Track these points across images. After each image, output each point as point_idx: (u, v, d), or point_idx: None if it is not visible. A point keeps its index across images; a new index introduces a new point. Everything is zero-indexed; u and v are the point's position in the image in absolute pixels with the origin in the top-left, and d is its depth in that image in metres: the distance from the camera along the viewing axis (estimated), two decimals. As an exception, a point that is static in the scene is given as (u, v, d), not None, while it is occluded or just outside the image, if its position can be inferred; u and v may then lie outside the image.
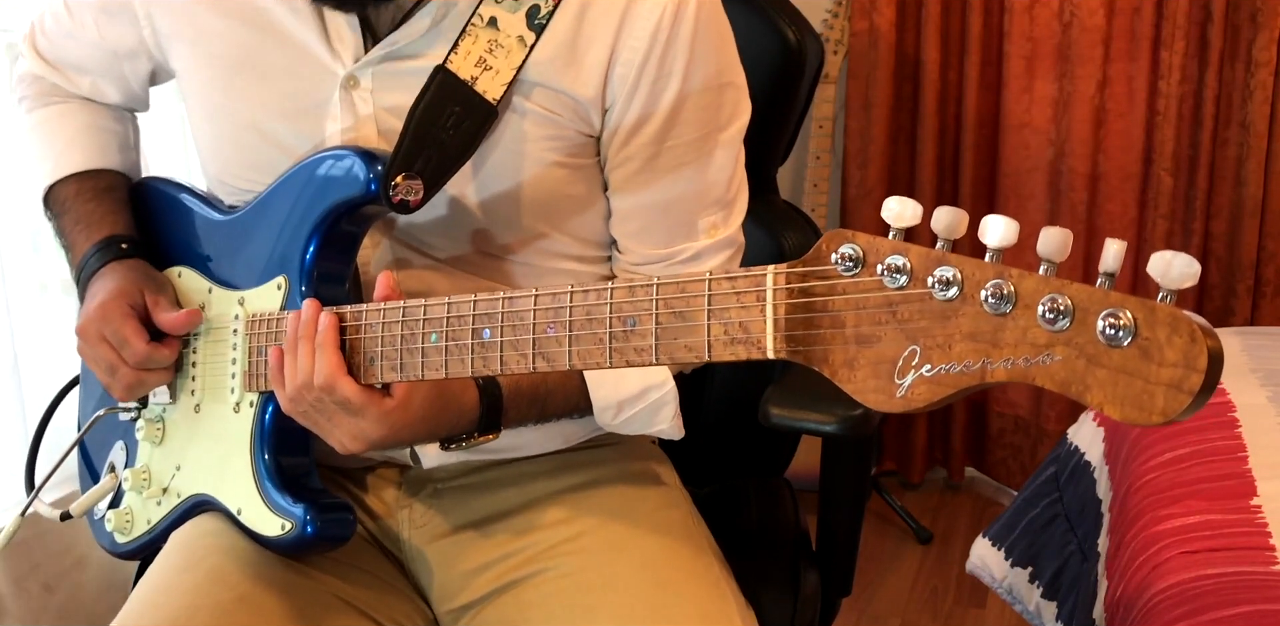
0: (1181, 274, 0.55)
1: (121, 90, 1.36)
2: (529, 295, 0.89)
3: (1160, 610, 1.39)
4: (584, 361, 0.85)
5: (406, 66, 1.13)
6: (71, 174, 1.32)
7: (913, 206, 0.66)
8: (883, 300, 0.65)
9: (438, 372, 0.96)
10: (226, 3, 1.19)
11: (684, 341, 0.77)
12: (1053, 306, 0.58)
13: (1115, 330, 0.57)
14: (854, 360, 0.66)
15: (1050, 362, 0.58)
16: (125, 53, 1.30)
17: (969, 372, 0.61)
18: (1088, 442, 2.06)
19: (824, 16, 2.85)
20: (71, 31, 1.33)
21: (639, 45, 1.12)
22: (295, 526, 1.11)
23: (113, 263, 1.24)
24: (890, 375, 0.64)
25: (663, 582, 1.14)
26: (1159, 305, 0.56)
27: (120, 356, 1.19)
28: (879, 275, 0.65)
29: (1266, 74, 2.62)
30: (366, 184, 1.09)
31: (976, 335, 0.61)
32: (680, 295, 0.77)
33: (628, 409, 1.17)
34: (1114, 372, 0.56)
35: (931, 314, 0.63)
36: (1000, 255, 0.62)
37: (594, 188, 1.20)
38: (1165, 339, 0.55)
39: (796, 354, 0.69)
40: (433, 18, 1.12)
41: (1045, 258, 0.60)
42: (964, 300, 0.62)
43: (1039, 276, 0.60)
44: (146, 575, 1.17)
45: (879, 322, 0.66)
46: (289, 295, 1.14)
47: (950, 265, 0.62)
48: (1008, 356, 0.59)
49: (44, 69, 1.37)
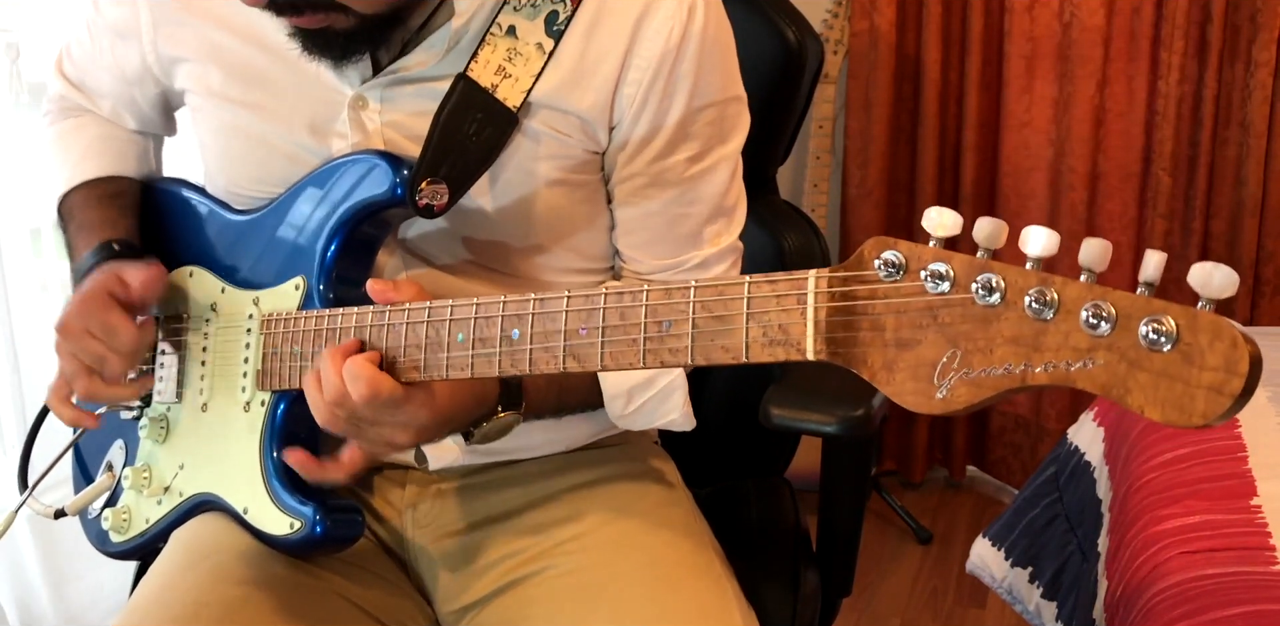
0: (1221, 286, 0.57)
1: (135, 116, 1.36)
2: (561, 296, 0.90)
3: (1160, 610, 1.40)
4: (616, 362, 0.85)
5: (416, 88, 1.14)
6: (84, 182, 1.32)
7: (952, 216, 0.67)
8: (924, 305, 0.67)
9: (463, 372, 0.96)
10: (232, 23, 1.19)
11: (721, 343, 0.78)
12: (1095, 312, 0.60)
13: (1158, 335, 0.58)
14: (893, 363, 0.68)
15: (1092, 367, 0.60)
16: (134, 77, 1.31)
17: (1011, 375, 0.62)
18: (1088, 442, 2.07)
19: (824, 16, 2.86)
20: (93, 56, 1.34)
21: (648, 65, 1.12)
22: (304, 526, 1.12)
23: (103, 264, 1.23)
24: (930, 377, 0.66)
25: (664, 579, 1.15)
26: (1200, 312, 0.58)
27: (109, 346, 1.15)
28: (921, 281, 0.67)
29: (1266, 74, 2.63)
30: (393, 188, 1.10)
31: (1018, 339, 0.62)
32: (719, 298, 0.78)
33: (638, 396, 1.17)
34: (1155, 376, 0.58)
35: (973, 318, 0.64)
36: (1041, 263, 0.64)
37: (598, 204, 1.21)
38: (1207, 344, 0.57)
39: (836, 356, 0.71)
40: (445, 46, 1.12)
41: (1086, 267, 0.61)
42: (1007, 306, 0.63)
43: (1082, 284, 0.61)
44: (150, 573, 1.18)
45: (920, 326, 0.67)
46: (306, 295, 1.14)
47: (993, 272, 0.64)
48: (1049, 360, 0.61)
49: (71, 91, 1.39)
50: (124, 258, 1.24)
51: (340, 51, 1.10)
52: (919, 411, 0.67)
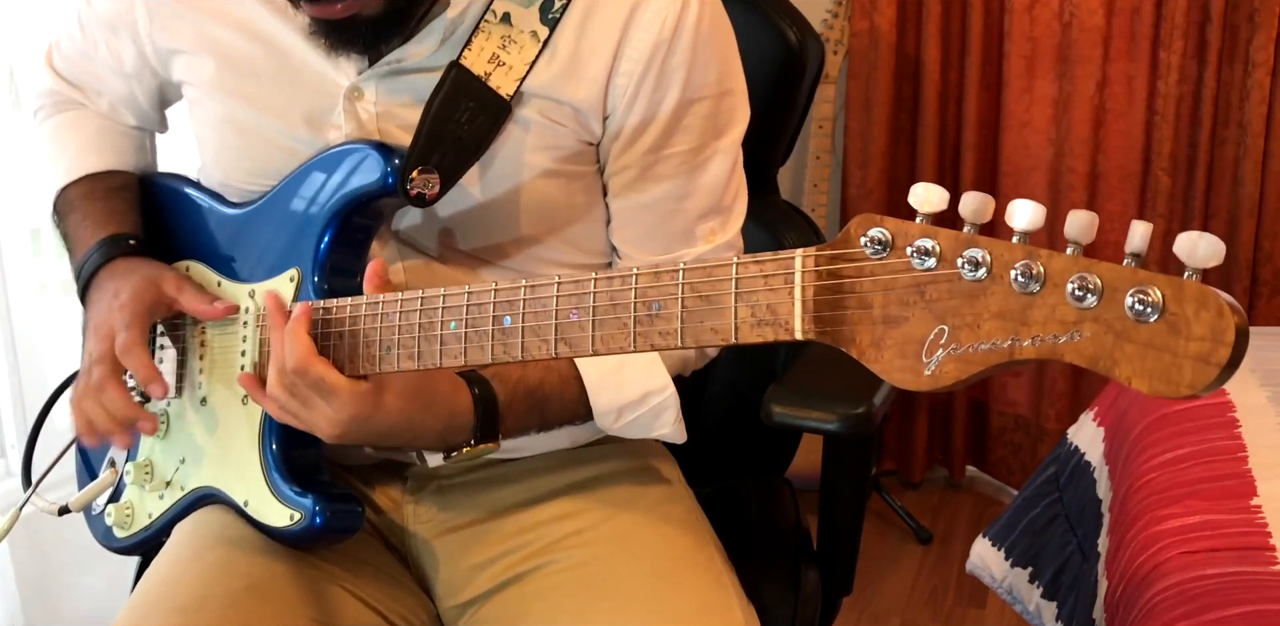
0: (1207, 254, 0.57)
1: (135, 112, 1.36)
2: (551, 282, 0.90)
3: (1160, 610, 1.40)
4: (607, 346, 0.85)
5: (410, 78, 1.14)
6: (83, 176, 1.32)
7: (939, 192, 0.67)
8: (911, 281, 0.66)
9: (457, 360, 0.96)
10: (227, 15, 1.20)
11: (710, 324, 0.78)
12: (1081, 284, 0.60)
13: (1144, 306, 0.58)
14: (881, 340, 0.68)
15: (1079, 339, 0.59)
16: (132, 72, 1.31)
17: (998, 350, 0.62)
18: (1088, 442, 2.07)
19: (824, 16, 2.86)
20: (86, 51, 1.34)
21: (639, 56, 1.12)
22: (304, 517, 1.12)
23: (119, 259, 1.24)
24: (918, 354, 0.65)
25: (666, 575, 1.15)
26: (1186, 282, 0.57)
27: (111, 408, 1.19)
28: (908, 257, 0.67)
29: (1264, 74, 2.63)
30: (384, 177, 1.10)
31: (1005, 314, 0.62)
32: (707, 279, 0.78)
33: (628, 413, 1.17)
34: (1142, 347, 0.58)
35: (960, 294, 0.64)
36: (1027, 237, 0.64)
37: (593, 196, 1.21)
38: (1193, 314, 0.57)
39: (824, 334, 0.70)
40: (440, 36, 1.12)
41: (1072, 239, 0.61)
42: (993, 280, 0.63)
43: (1067, 256, 0.61)
44: (153, 566, 1.18)
45: (907, 304, 0.67)
46: (301, 286, 1.14)
47: (979, 247, 0.64)
48: (1036, 334, 0.61)
49: (62, 86, 1.38)
50: (137, 255, 1.24)
51: (371, 37, 1.10)
52: (907, 388, 0.66)
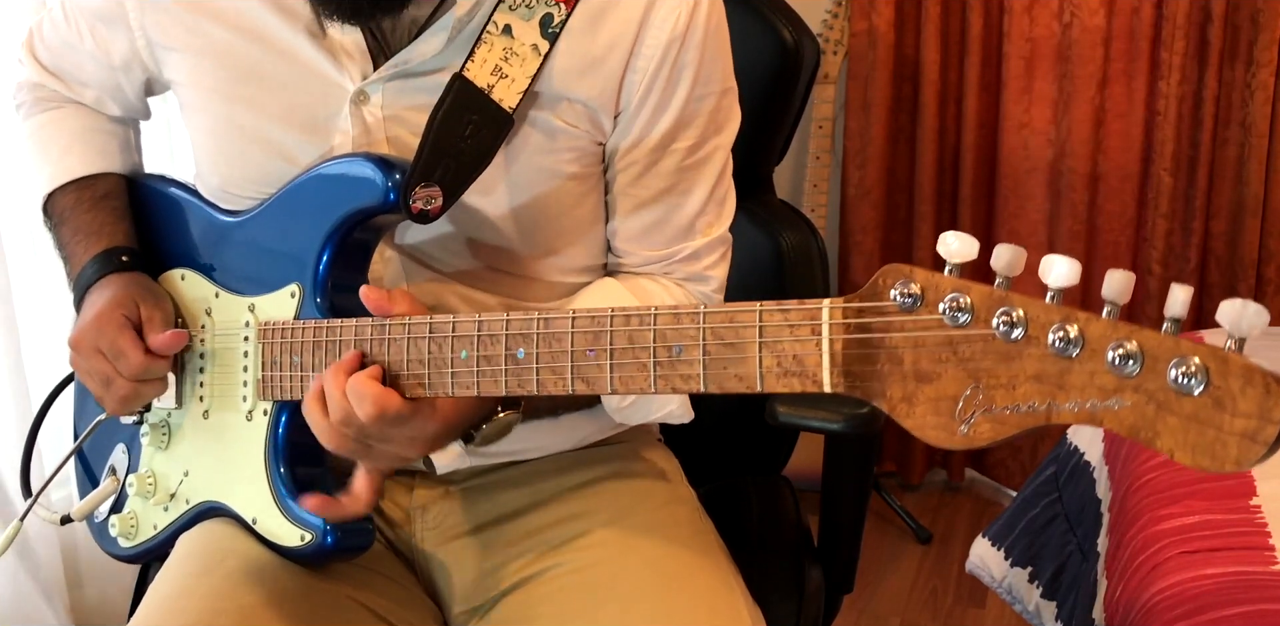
0: (1251, 324, 0.56)
1: (121, 103, 1.34)
2: (566, 317, 0.88)
3: (1160, 610, 1.40)
4: (626, 386, 0.84)
5: (417, 82, 1.13)
6: (70, 181, 1.30)
7: (969, 242, 0.66)
8: (943, 339, 0.65)
9: (469, 390, 0.95)
10: (227, 15, 1.17)
11: (734, 371, 0.77)
12: (1121, 353, 0.59)
13: (1187, 378, 0.57)
14: (912, 396, 0.66)
15: (1119, 408, 0.58)
16: (120, 64, 1.28)
17: (1035, 413, 0.61)
18: (1087, 442, 2.07)
19: (823, 17, 2.84)
20: (69, 40, 1.31)
21: (654, 52, 1.12)
22: (315, 538, 1.11)
23: (111, 275, 1.22)
24: (951, 412, 0.64)
25: (672, 576, 1.15)
26: (1232, 356, 0.56)
27: (115, 368, 1.17)
28: (940, 313, 0.65)
29: (1267, 74, 2.62)
30: (385, 193, 1.08)
31: (1042, 377, 0.61)
32: (729, 325, 0.77)
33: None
34: (1185, 420, 0.57)
35: (995, 354, 0.63)
36: (1061, 295, 0.62)
37: (600, 197, 1.21)
38: (1239, 390, 0.55)
39: (854, 389, 0.69)
40: (447, 36, 1.11)
41: (1109, 300, 0.60)
42: (1029, 342, 0.62)
43: (1106, 321, 0.60)
44: (160, 579, 1.17)
45: (939, 360, 0.66)
46: (303, 303, 1.12)
47: (1015, 306, 0.62)
48: (1075, 399, 0.60)
49: (44, 77, 1.35)
50: (130, 269, 1.23)
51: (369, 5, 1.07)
52: (941, 446, 0.65)
